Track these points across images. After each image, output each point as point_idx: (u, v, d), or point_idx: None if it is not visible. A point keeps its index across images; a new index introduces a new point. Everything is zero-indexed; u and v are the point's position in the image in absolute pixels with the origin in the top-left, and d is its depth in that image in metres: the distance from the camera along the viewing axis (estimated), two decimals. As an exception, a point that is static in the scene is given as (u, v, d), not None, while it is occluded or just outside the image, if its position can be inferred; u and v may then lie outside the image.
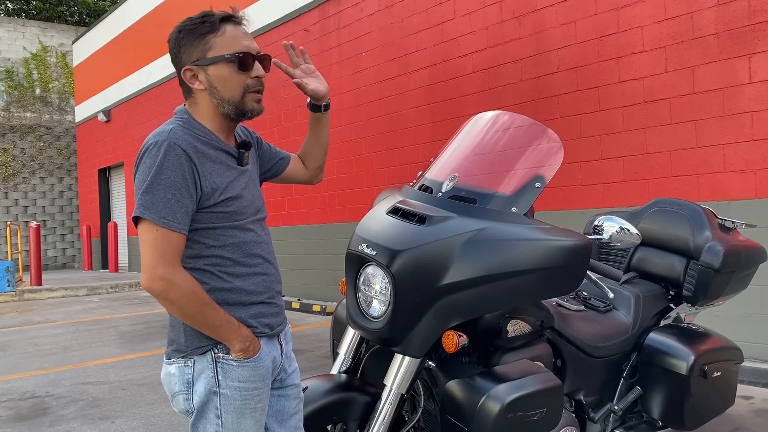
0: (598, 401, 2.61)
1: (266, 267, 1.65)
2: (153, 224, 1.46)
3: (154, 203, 1.46)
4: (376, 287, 2.02)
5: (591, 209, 5.52)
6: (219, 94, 1.57)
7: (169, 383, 1.60)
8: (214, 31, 1.54)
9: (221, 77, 1.55)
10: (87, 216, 16.99)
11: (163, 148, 1.47)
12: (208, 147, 1.57)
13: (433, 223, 1.98)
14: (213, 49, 1.54)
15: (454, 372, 2.07)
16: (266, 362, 1.61)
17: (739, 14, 4.68)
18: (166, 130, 1.52)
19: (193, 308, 1.48)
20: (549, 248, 1.92)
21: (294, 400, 1.75)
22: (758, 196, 4.59)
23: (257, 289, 1.61)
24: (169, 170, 1.47)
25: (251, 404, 1.58)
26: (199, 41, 1.55)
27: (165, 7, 12.79)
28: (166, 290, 1.45)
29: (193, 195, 1.50)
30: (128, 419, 3.92)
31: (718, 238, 2.74)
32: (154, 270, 1.45)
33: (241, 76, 1.56)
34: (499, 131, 2.32)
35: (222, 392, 1.55)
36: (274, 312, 1.66)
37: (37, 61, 18.84)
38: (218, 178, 1.55)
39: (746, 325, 4.63)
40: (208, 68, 1.56)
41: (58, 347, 6.42)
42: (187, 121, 1.58)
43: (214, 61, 1.54)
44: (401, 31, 7.51)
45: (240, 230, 1.59)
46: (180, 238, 1.48)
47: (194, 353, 1.56)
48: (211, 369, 1.55)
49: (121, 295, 11.51)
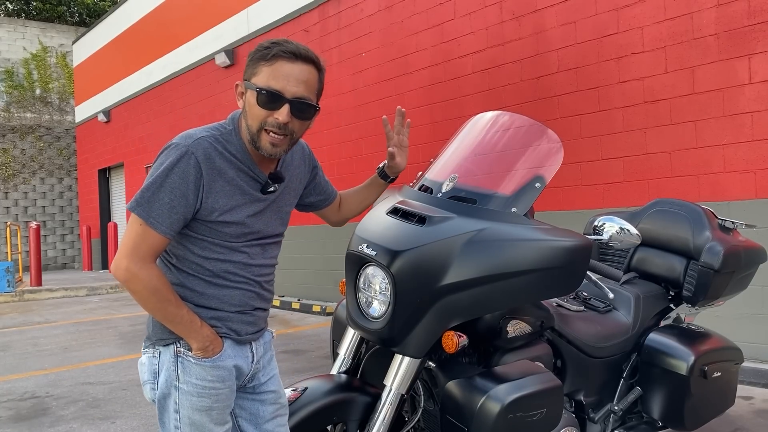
0: (598, 401, 2.61)
1: (248, 285, 1.64)
2: (139, 218, 1.49)
3: (150, 201, 1.48)
4: (376, 287, 2.02)
5: (591, 210, 5.52)
6: (246, 118, 1.57)
7: (141, 371, 1.65)
8: (268, 59, 1.53)
9: (249, 104, 1.55)
10: (87, 216, 16.99)
11: (179, 153, 1.49)
12: (231, 166, 1.56)
13: (433, 224, 1.98)
14: (257, 75, 1.53)
15: (454, 372, 2.07)
16: (227, 364, 1.60)
17: (738, 15, 4.68)
18: (194, 137, 1.53)
19: (153, 302, 1.51)
20: (549, 249, 1.92)
21: (271, 405, 1.74)
22: (758, 196, 4.59)
23: (231, 302, 1.62)
24: (176, 176, 1.48)
25: (207, 403, 1.58)
26: (254, 63, 1.55)
27: (165, 7, 12.79)
28: (128, 280, 1.49)
29: (191, 205, 1.51)
30: (128, 419, 3.92)
31: (718, 239, 2.74)
32: (122, 260, 1.49)
33: (262, 111, 1.52)
34: (499, 132, 2.32)
35: (180, 387, 1.57)
36: (245, 321, 1.66)
37: (37, 62, 18.85)
38: (223, 199, 1.55)
39: (746, 325, 4.63)
40: (247, 91, 1.56)
41: (58, 348, 6.42)
42: (227, 133, 1.58)
43: (250, 86, 1.54)
44: (401, 31, 7.51)
45: (229, 250, 1.59)
46: (160, 240, 1.50)
47: (159, 344, 1.60)
48: (173, 362, 1.58)
49: (121, 295, 11.51)
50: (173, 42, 12.43)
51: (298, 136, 1.59)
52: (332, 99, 8.54)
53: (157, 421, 1.55)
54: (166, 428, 1.62)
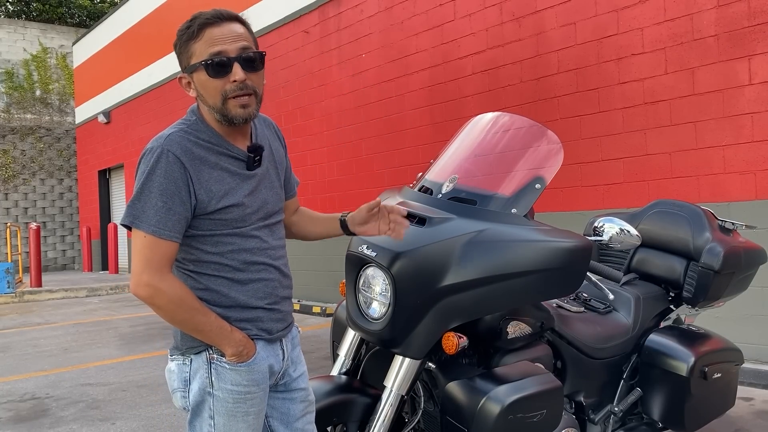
0: (599, 403, 2.61)
1: (269, 272, 1.61)
2: (141, 231, 1.45)
3: (144, 210, 1.45)
4: (376, 289, 2.02)
5: (591, 210, 5.52)
6: (205, 100, 1.53)
7: (169, 379, 1.61)
8: (195, 37, 1.49)
9: (202, 84, 1.51)
10: (87, 217, 16.99)
11: (156, 155, 1.46)
12: (210, 152, 1.53)
13: (434, 225, 1.98)
14: (194, 55, 1.50)
15: (454, 373, 2.07)
16: (262, 367, 1.59)
17: (738, 16, 4.69)
18: (164, 136, 1.51)
19: (180, 314, 1.48)
20: (549, 250, 1.92)
21: (301, 403, 1.73)
22: (758, 197, 4.59)
23: (257, 295, 1.59)
24: (161, 177, 1.45)
25: (243, 408, 1.56)
26: (185, 48, 1.52)
27: (165, 8, 12.80)
28: (151, 296, 1.45)
29: (186, 202, 1.48)
30: (128, 420, 3.92)
31: (718, 240, 2.74)
32: (141, 276, 1.45)
33: (217, 82, 1.48)
34: (499, 132, 2.33)
35: (215, 393, 1.55)
36: (275, 318, 1.63)
37: (37, 63, 18.86)
38: (216, 185, 1.52)
39: (746, 326, 4.62)
40: (193, 75, 1.52)
41: (58, 349, 6.42)
42: (194, 124, 1.55)
43: (194, 68, 1.50)
44: (401, 32, 7.51)
45: (241, 237, 1.56)
46: (170, 246, 1.47)
47: (189, 352, 1.56)
48: (206, 369, 1.55)
49: (121, 296, 11.51)
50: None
51: (260, 90, 1.55)
52: (332, 100, 8.54)
53: (157, 422, 1.54)
54: None
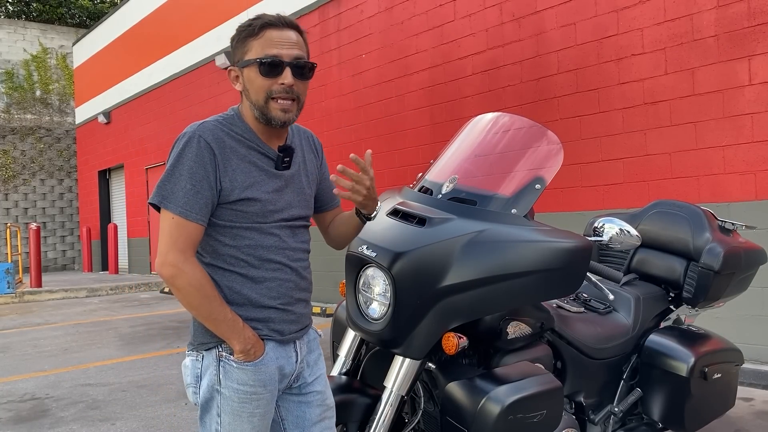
0: (599, 403, 2.61)
1: (285, 272, 1.62)
2: (169, 212, 1.50)
3: (174, 192, 1.50)
4: (376, 289, 2.02)
5: (591, 211, 5.52)
6: (249, 96, 1.59)
7: (184, 374, 1.64)
8: (254, 34, 1.56)
9: (250, 80, 1.57)
10: (87, 218, 16.99)
11: (188, 139, 1.52)
12: (241, 145, 1.58)
13: (433, 225, 1.98)
14: (249, 52, 1.57)
15: (454, 374, 2.06)
16: (269, 368, 1.58)
17: (738, 16, 4.69)
18: (198, 123, 1.57)
19: (197, 298, 1.50)
20: (549, 250, 1.92)
21: (317, 407, 1.71)
22: (758, 197, 4.59)
23: (270, 294, 1.60)
24: (191, 161, 1.50)
25: (248, 408, 1.56)
26: (242, 44, 1.58)
27: (165, 9, 12.80)
28: (174, 276, 1.49)
29: (213, 187, 1.52)
30: (128, 421, 3.92)
31: (718, 240, 2.74)
32: (166, 256, 1.49)
33: (265, 81, 1.55)
34: (499, 133, 2.33)
35: (222, 391, 1.56)
36: (287, 319, 1.63)
37: (37, 63, 18.86)
38: (241, 176, 1.55)
39: (746, 326, 4.62)
40: (243, 70, 1.58)
41: (58, 349, 6.42)
42: (230, 118, 1.61)
43: (247, 63, 1.57)
44: (401, 32, 7.52)
45: (260, 233, 1.58)
46: (196, 228, 1.51)
47: (201, 348, 1.59)
48: (215, 366, 1.57)
49: (121, 296, 11.51)
50: (173, 43, 12.44)
51: (303, 99, 1.62)
52: (332, 100, 8.54)
53: (156, 422, 1.55)
54: (207, 429, 1.61)
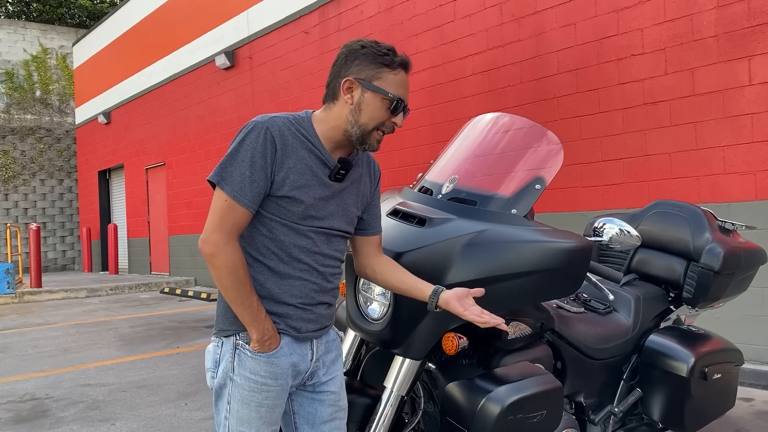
0: (599, 403, 2.61)
1: (311, 275, 1.65)
2: (224, 193, 1.55)
3: (232, 175, 1.55)
4: (376, 289, 2.02)
5: (591, 211, 5.52)
6: (359, 116, 1.63)
7: (206, 359, 1.69)
8: (392, 67, 1.63)
9: (371, 105, 1.63)
10: (87, 218, 16.99)
11: (255, 128, 1.57)
12: (303, 147, 1.62)
13: (433, 225, 1.98)
14: (381, 80, 1.63)
15: (454, 374, 2.07)
16: (282, 362, 1.62)
17: (738, 16, 4.69)
18: (269, 115, 1.62)
19: (230, 280, 1.54)
20: (549, 250, 1.92)
21: (329, 407, 1.75)
22: (758, 197, 4.59)
23: (291, 293, 1.63)
24: (254, 149, 1.55)
25: (257, 398, 1.61)
26: (375, 66, 1.63)
27: (165, 9, 12.80)
28: (213, 254, 1.54)
29: (268, 178, 1.57)
30: (128, 421, 3.92)
31: (718, 240, 2.74)
32: (211, 234, 1.55)
33: (385, 114, 1.64)
34: (498, 133, 2.33)
35: (234, 379, 1.62)
36: (306, 317, 1.66)
37: (37, 63, 18.86)
38: (294, 175, 1.59)
39: (746, 326, 4.62)
40: (367, 91, 1.63)
41: (57, 349, 6.42)
42: (300, 119, 1.65)
43: (377, 90, 1.62)
44: (401, 33, 7.52)
45: (296, 233, 1.62)
46: (244, 214, 1.56)
47: (221, 335, 1.65)
48: (231, 354, 1.62)
49: (121, 297, 11.51)
50: (173, 44, 12.44)
51: None
52: (332, 101, 8.53)
53: (156, 422, 1.56)
54: (219, 416, 1.66)
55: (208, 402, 4.26)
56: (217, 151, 11.23)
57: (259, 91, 10.16)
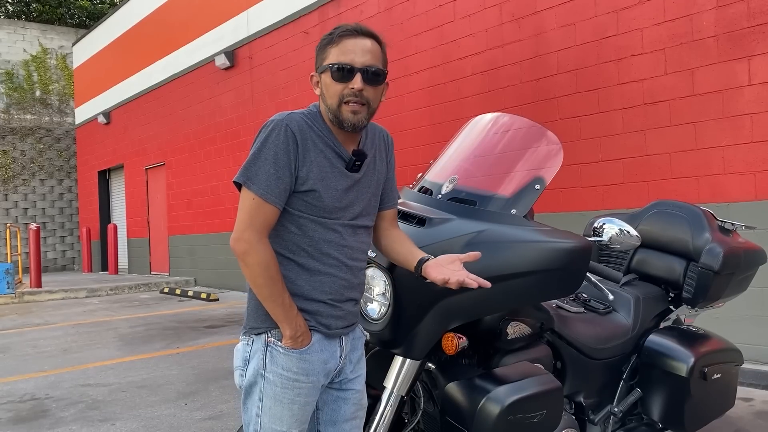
0: (598, 403, 2.61)
1: (340, 270, 1.67)
2: (251, 192, 1.57)
3: (257, 174, 1.57)
4: (376, 289, 2.02)
5: (591, 211, 5.52)
6: (325, 100, 1.67)
7: (235, 357, 1.71)
8: (332, 42, 1.64)
9: (326, 85, 1.66)
10: (87, 218, 16.98)
11: (275, 126, 1.60)
12: (320, 141, 1.65)
13: (433, 225, 1.98)
14: (327, 58, 1.65)
15: (453, 374, 2.07)
16: (313, 358, 1.64)
17: (738, 16, 4.69)
18: (286, 113, 1.64)
19: (263, 278, 1.57)
20: (549, 250, 1.92)
21: (353, 405, 1.77)
22: (758, 198, 4.60)
23: (322, 289, 1.65)
24: (276, 147, 1.58)
25: (289, 395, 1.62)
26: (322, 51, 1.67)
27: (165, 9, 12.80)
28: (246, 252, 1.56)
29: (293, 174, 1.60)
30: (128, 421, 3.92)
31: (717, 240, 2.74)
32: (243, 233, 1.57)
33: (338, 85, 1.62)
34: (498, 133, 2.33)
35: (266, 376, 1.63)
36: (336, 314, 1.68)
37: (37, 64, 18.85)
38: (316, 168, 1.62)
39: (746, 326, 4.62)
40: (321, 76, 1.67)
41: (57, 349, 6.42)
42: (313, 115, 1.68)
43: (324, 69, 1.65)
44: (401, 33, 7.52)
45: (323, 228, 1.64)
46: (273, 211, 1.58)
47: (251, 332, 1.67)
48: (263, 351, 1.64)
49: (120, 297, 11.50)
50: (173, 44, 12.44)
51: (374, 105, 1.68)
52: (332, 101, 8.53)
53: (156, 423, 1.56)
54: (248, 414, 1.67)
55: (207, 402, 4.26)
56: (217, 151, 11.23)
57: (259, 91, 10.16)
